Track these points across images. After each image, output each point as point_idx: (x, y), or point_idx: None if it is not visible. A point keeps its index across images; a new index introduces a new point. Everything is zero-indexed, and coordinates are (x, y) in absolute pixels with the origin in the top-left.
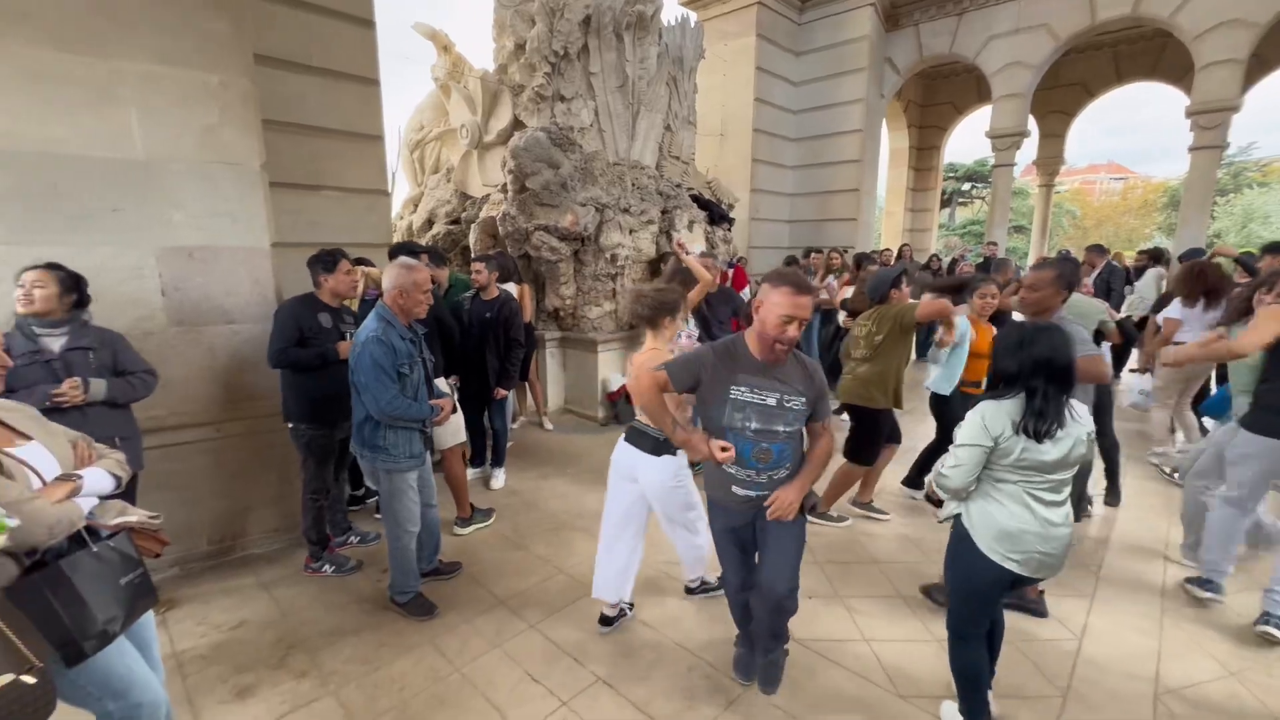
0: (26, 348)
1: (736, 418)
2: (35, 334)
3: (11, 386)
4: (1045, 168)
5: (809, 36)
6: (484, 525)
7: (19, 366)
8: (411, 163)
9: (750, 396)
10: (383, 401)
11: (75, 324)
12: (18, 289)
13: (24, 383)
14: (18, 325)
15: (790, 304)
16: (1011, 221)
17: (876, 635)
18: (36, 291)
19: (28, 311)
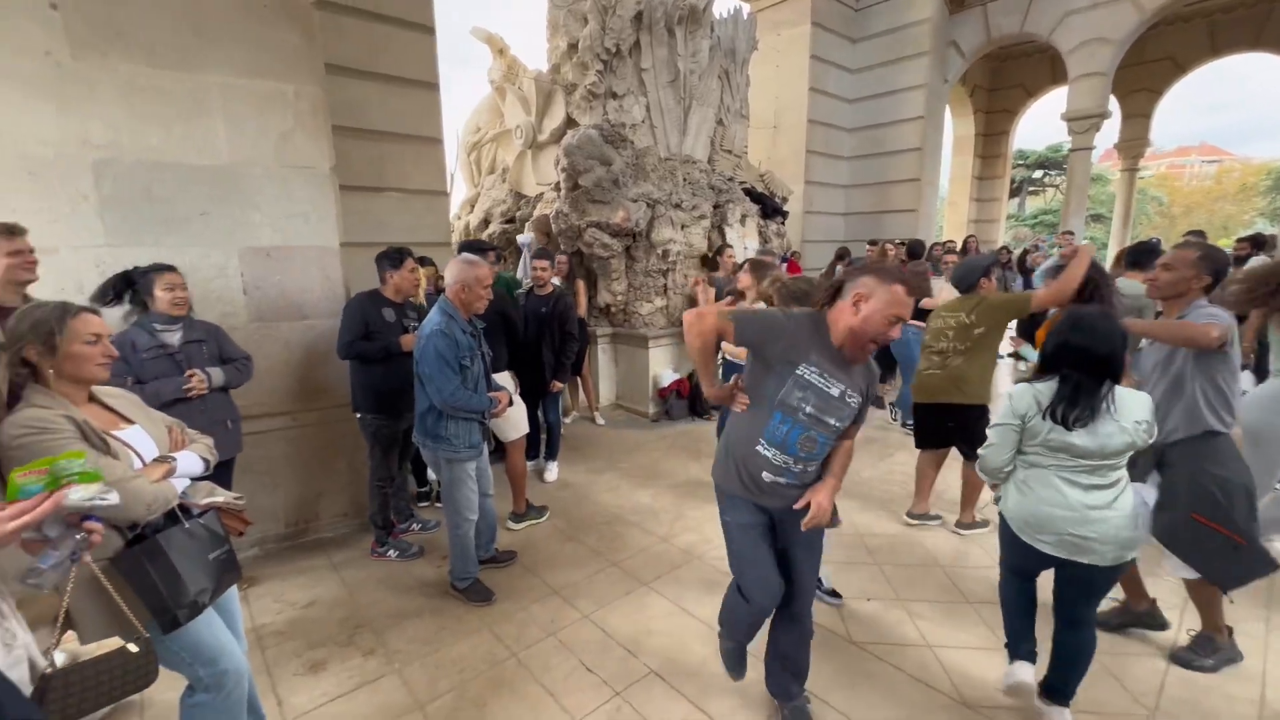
0: (151, 343)
1: (795, 396)
2: (156, 330)
3: (141, 378)
4: (1128, 151)
5: (867, 22)
6: (537, 522)
7: (146, 360)
8: (468, 164)
9: (817, 379)
10: (445, 392)
11: (187, 319)
12: (164, 292)
13: (152, 374)
14: (139, 323)
15: (901, 304)
16: (1090, 210)
17: (940, 641)
18: (182, 294)
19: (181, 313)
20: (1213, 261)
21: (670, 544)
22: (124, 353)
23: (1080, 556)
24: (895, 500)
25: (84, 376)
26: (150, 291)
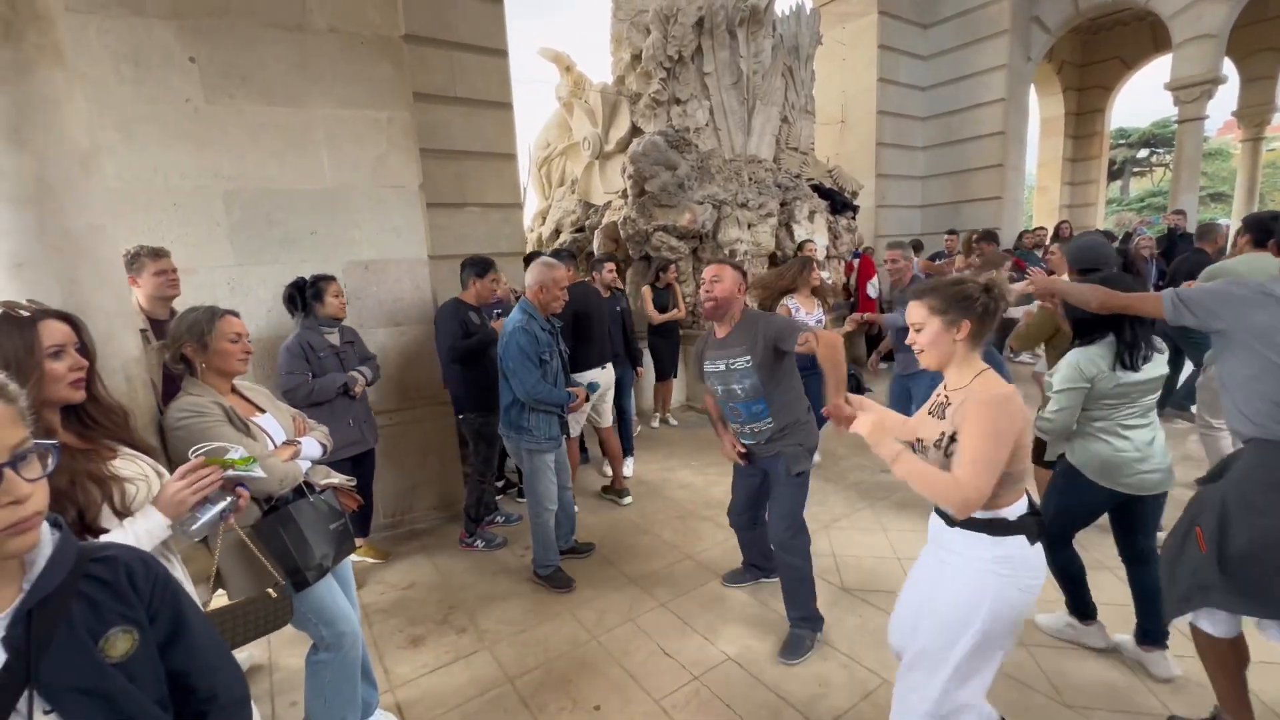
0: (323, 344)
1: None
2: (324, 332)
3: (316, 374)
4: (1251, 119)
5: (938, 6)
6: (619, 502)
7: (323, 359)
8: (539, 178)
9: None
10: (528, 385)
11: (340, 322)
12: (334, 298)
13: (326, 370)
14: (308, 326)
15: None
16: (1207, 188)
17: (1035, 641)
18: (343, 300)
19: (344, 316)
20: None
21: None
22: (305, 353)
23: (1148, 490)
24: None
25: (228, 370)
26: (321, 298)
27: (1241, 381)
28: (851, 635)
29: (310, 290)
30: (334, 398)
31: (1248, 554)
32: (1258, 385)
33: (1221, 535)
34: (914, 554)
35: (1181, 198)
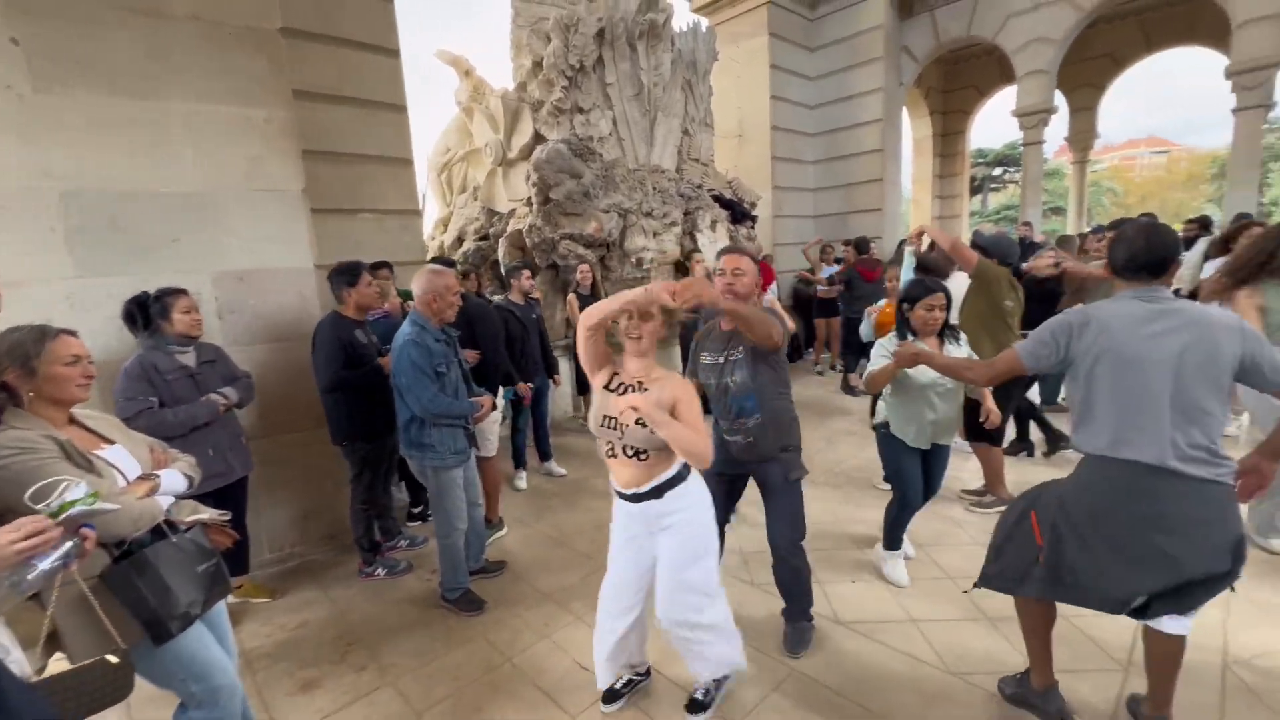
0: (171, 365)
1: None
2: (173, 352)
3: (166, 400)
4: (1078, 144)
5: (822, 31)
6: (499, 535)
7: (172, 382)
8: (439, 184)
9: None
10: (424, 399)
11: (196, 340)
12: (183, 314)
13: (178, 396)
14: (154, 346)
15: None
16: (1049, 203)
17: (923, 616)
18: (198, 315)
19: (199, 334)
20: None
21: None
22: (148, 376)
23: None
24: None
25: (64, 398)
26: (167, 315)
27: (1081, 402)
28: (760, 627)
29: (155, 306)
30: (189, 432)
31: (1073, 561)
32: (1093, 405)
33: (1055, 537)
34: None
35: (1028, 211)
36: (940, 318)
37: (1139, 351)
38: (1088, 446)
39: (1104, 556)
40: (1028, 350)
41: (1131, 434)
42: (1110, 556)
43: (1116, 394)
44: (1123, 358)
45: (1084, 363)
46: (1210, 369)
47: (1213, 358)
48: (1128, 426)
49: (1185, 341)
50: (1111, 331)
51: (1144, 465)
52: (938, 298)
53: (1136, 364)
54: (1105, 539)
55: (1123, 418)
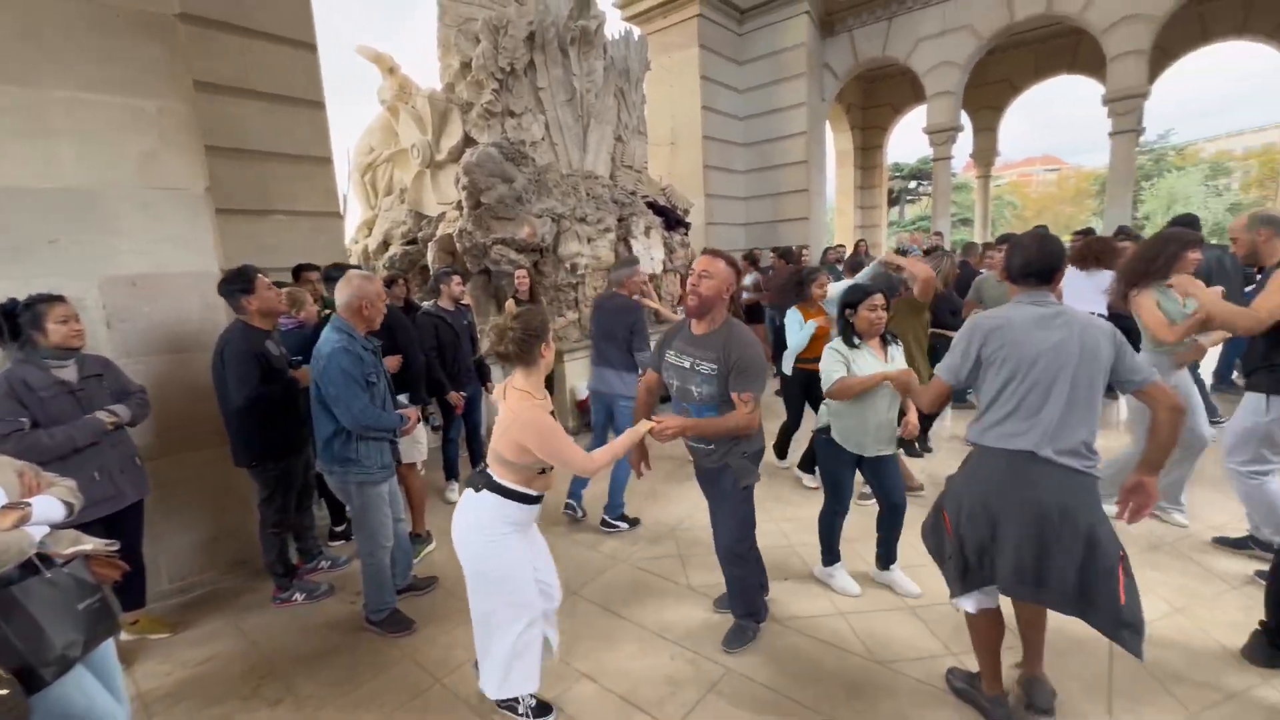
0: (46, 380)
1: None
2: (50, 366)
3: (39, 420)
4: (981, 160)
5: (749, 45)
6: (429, 550)
7: (46, 399)
8: (363, 186)
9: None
10: (355, 410)
11: (78, 352)
12: (58, 324)
13: (54, 414)
14: (26, 360)
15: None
16: (956, 215)
17: (849, 608)
18: (78, 325)
19: (80, 345)
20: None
21: (597, 550)
22: (17, 394)
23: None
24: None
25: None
26: (39, 324)
27: (988, 400)
28: (697, 632)
29: (25, 314)
30: (70, 454)
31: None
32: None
33: (959, 526)
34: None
35: (939, 222)
36: (884, 318)
37: (1038, 350)
38: (984, 440)
39: (997, 539)
40: (949, 369)
41: (1023, 426)
42: (1001, 539)
43: (1017, 390)
44: (1024, 357)
45: (992, 364)
46: (1094, 367)
47: (1095, 357)
48: (1021, 420)
49: (1074, 342)
50: (1014, 332)
51: (1028, 454)
52: (878, 298)
53: (1035, 362)
54: (994, 523)
55: (1017, 412)
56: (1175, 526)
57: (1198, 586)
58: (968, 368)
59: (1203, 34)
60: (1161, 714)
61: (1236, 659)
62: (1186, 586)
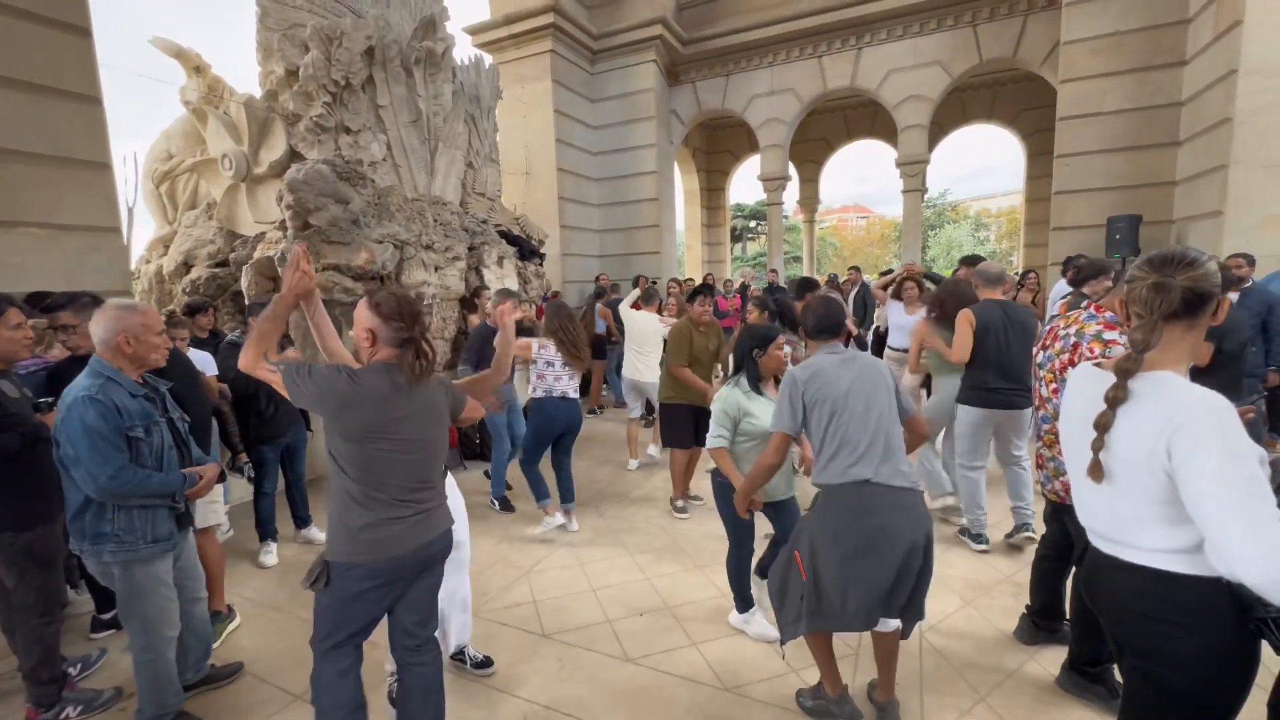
0: None
1: None
2: None
3: None
4: (807, 207)
5: (602, 85)
6: (231, 626)
7: None
8: (159, 197)
9: None
10: (102, 477)
11: None
12: None
13: None
14: None
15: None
16: (789, 253)
17: (701, 637)
18: None
19: None
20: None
21: None
22: None
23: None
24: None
25: None
26: None
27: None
28: (549, 684)
29: None
30: None
31: (828, 584)
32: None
33: (814, 566)
34: (609, 581)
35: (775, 259)
36: (788, 356)
37: (848, 384)
38: (825, 478)
39: (848, 577)
40: (781, 423)
41: (853, 457)
42: (853, 576)
43: (839, 424)
44: (839, 392)
45: (815, 408)
46: (887, 391)
47: (888, 389)
48: (850, 452)
49: (868, 379)
50: (825, 375)
51: (863, 482)
52: (782, 338)
53: (849, 394)
54: (846, 559)
55: (844, 446)
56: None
57: (979, 578)
58: (797, 415)
59: (964, 116)
60: (960, 699)
61: (1010, 640)
62: (973, 580)
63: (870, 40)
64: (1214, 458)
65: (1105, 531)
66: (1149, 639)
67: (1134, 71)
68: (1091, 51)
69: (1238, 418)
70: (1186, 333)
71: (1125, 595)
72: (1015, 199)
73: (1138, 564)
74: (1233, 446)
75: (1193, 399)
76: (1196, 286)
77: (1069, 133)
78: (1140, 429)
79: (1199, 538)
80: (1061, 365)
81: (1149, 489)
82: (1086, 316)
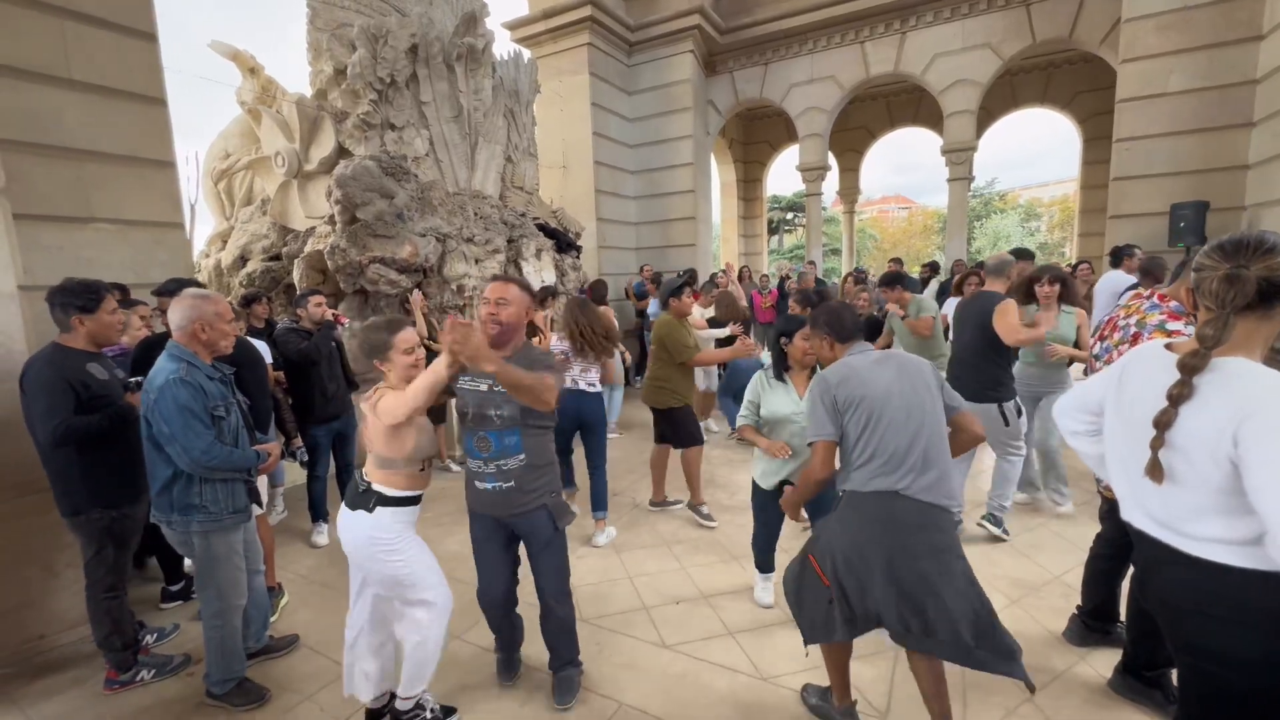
0: None
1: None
2: None
3: None
4: (847, 198)
5: (638, 77)
6: (283, 603)
7: None
8: (217, 194)
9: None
10: (196, 451)
11: None
12: None
13: None
14: None
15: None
16: (827, 245)
17: (737, 625)
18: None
19: None
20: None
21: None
22: None
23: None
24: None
25: None
26: None
27: (850, 447)
28: (589, 666)
29: None
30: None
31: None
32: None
33: (838, 581)
34: (645, 570)
35: (813, 251)
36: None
37: (885, 386)
38: (851, 485)
39: (878, 589)
40: (821, 431)
41: (885, 467)
42: (883, 588)
43: (875, 432)
44: (877, 394)
45: (851, 410)
46: (932, 401)
47: (930, 389)
48: (883, 461)
49: (908, 381)
50: (860, 375)
51: (891, 493)
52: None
53: (888, 399)
54: (871, 570)
55: (878, 454)
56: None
57: (1026, 578)
58: (833, 420)
59: (1014, 100)
60: (1007, 699)
61: (1059, 641)
62: (1020, 580)
63: (916, 24)
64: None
65: (1160, 516)
66: (1204, 636)
67: (1204, 49)
68: (1157, 28)
69: None
70: (1261, 324)
71: (1180, 590)
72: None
73: (1193, 555)
74: None
75: (1265, 387)
76: (1274, 276)
77: (1130, 115)
78: (1206, 417)
79: (1259, 530)
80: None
81: (1210, 478)
82: (1149, 306)
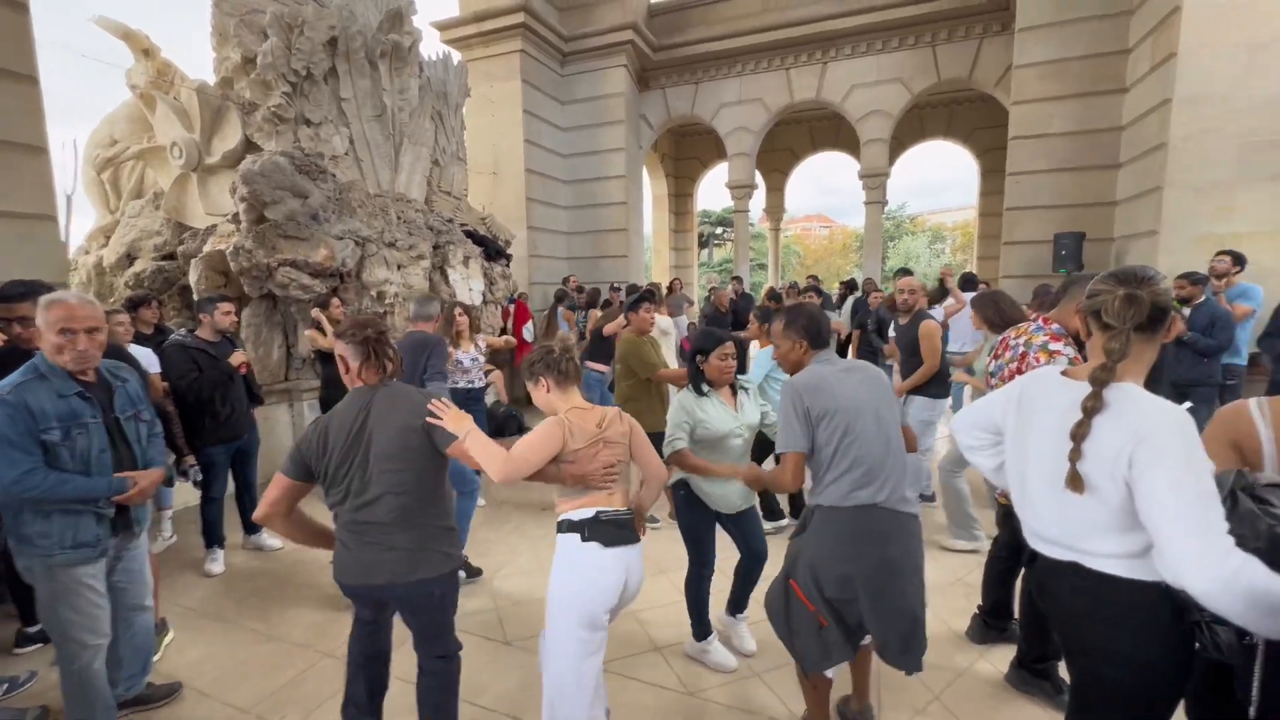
0: None
1: None
2: None
3: None
4: (773, 215)
5: (571, 87)
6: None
7: None
8: (101, 185)
9: None
10: (6, 480)
11: None
12: None
13: None
14: None
15: None
16: (754, 260)
17: (665, 640)
18: None
19: None
20: None
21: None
22: None
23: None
24: None
25: None
26: None
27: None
28: (514, 694)
29: None
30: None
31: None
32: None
33: (824, 600)
34: None
35: (740, 266)
36: (734, 366)
37: (853, 395)
38: (826, 499)
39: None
40: (794, 442)
41: (863, 479)
42: (869, 604)
43: (850, 443)
44: (845, 405)
45: (824, 421)
46: (893, 411)
47: (890, 398)
48: (862, 473)
49: (875, 391)
50: (829, 384)
51: (870, 506)
52: (728, 347)
53: (858, 413)
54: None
55: (855, 466)
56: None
57: (930, 579)
58: (806, 431)
59: (922, 131)
60: (915, 698)
61: (963, 639)
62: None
63: (836, 55)
64: (1173, 470)
65: (1054, 536)
66: (1094, 638)
67: (1079, 96)
68: (1040, 76)
69: (1198, 432)
70: (1145, 346)
71: (1073, 597)
72: (969, 213)
73: (1086, 567)
74: (1192, 460)
75: (1158, 412)
76: (1159, 300)
77: (1019, 152)
78: (1105, 438)
79: (1146, 543)
80: (1010, 373)
81: (1107, 496)
82: (1035, 328)
